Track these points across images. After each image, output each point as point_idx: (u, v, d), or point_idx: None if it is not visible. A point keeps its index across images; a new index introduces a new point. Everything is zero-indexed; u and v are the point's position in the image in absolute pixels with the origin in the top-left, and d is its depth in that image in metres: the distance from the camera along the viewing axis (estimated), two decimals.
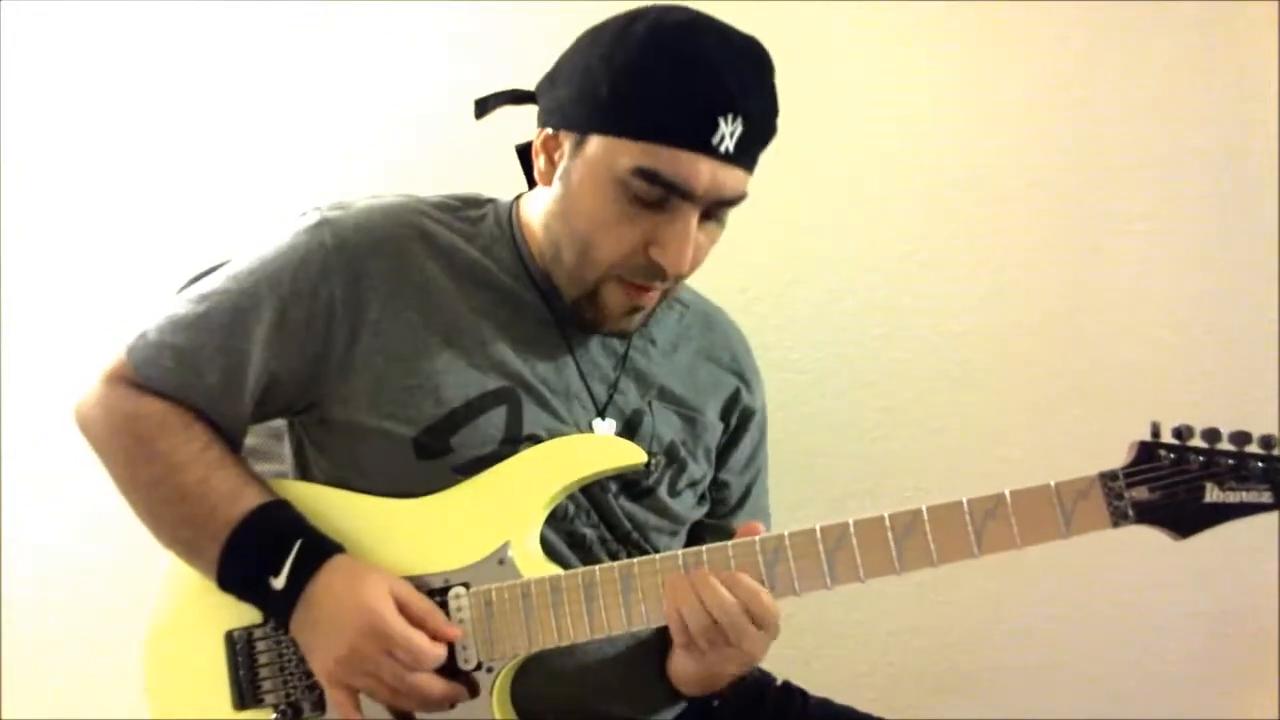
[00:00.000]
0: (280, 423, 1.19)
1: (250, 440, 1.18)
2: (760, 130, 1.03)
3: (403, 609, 1.01)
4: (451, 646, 1.03)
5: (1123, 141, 1.70)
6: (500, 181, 1.24)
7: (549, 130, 1.07)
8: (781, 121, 1.08)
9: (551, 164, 1.07)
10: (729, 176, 1.01)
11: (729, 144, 0.99)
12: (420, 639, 0.99)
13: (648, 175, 0.99)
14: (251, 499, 1.05)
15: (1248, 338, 1.70)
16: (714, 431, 1.22)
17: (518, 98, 1.13)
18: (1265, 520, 1.66)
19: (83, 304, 1.80)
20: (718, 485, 1.25)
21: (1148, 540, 1.71)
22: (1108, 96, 1.70)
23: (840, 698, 1.31)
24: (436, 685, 1.00)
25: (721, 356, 1.25)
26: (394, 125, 1.75)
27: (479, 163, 1.71)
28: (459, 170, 1.70)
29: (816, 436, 1.72)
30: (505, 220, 1.16)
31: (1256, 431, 0.99)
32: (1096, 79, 1.70)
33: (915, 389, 1.75)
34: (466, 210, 1.16)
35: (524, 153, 1.16)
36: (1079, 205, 1.72)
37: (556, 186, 1.07)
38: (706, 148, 0.99)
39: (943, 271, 1.73)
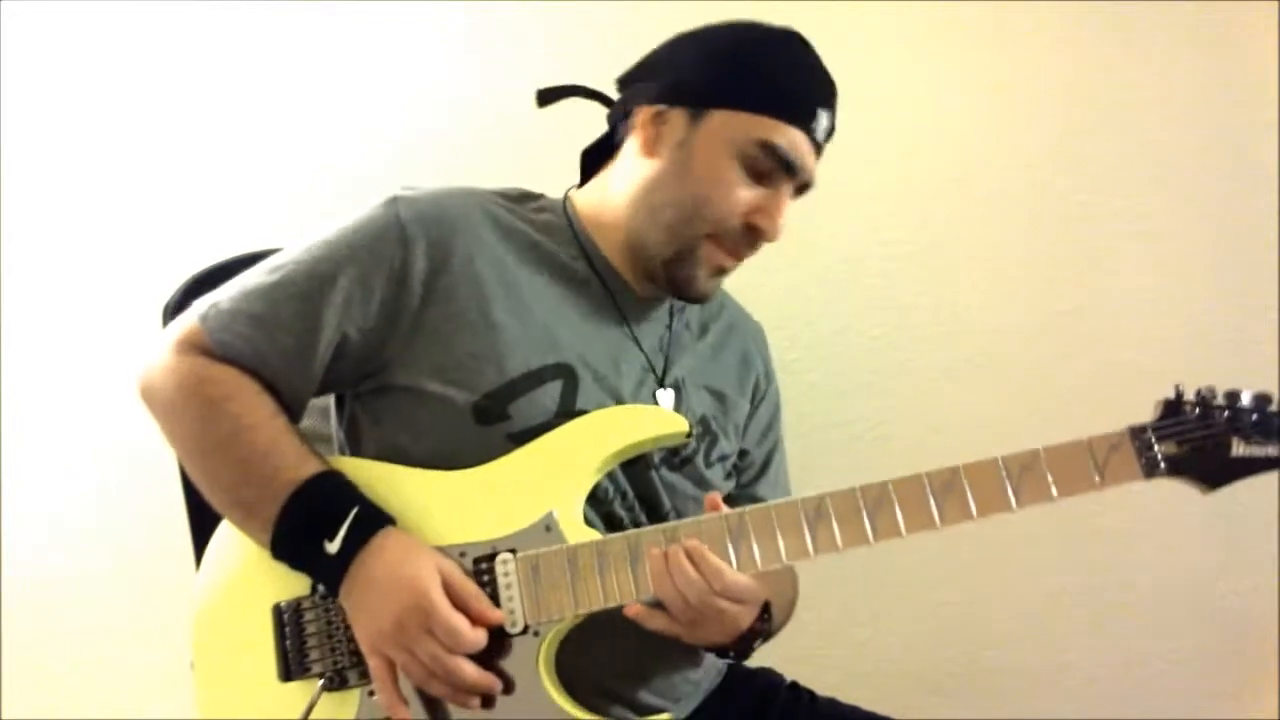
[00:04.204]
0: (329, 402, 1.23)
1: (304, 422, 1.21)
2: (831, 126, 1.18)
3: (449, 590, 1.03)
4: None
5: (1123, 141, 1.71)
6: (500, 178, 1.25)
7: (659, 107, 1.17)
8: None
9: (658, 138, 1.17)
10: (814, 162, 1.17)
11: (820, 134, 1.16)
12: (460, 621, 1.01)
13: (768, 148, 1.13)
14: (313, 466, 1.08)
15: (1248, 338, 1.70)
16: (741, 410, 1.30)
17: (588, 93, 1.25)
18: (1264, 520, 1.68)
19: (83, 304, 1.80)
20: (740, 455, 1.31)
21: (1147, 539, 1.73)
22: (1108, 96, 1.70)
23: (845, 697, 1.32)
24: (470, 671, 1.02)
25: (743, 338, 1.34)
26: (393, 127, 1.76)
27: (478, 163, 1.72)
28: (459, 171, 1.71)
29: (816, 436, 1.72)
30: (560, 210, 1.24)
31: None
32: (1097, 79, 1.70)
33: (915, 388, 1.75)
34: (525, 199, 1.25)
35: (586, 155, 1.27)
36: (1079, 205, 1.72)
37: (665, 157, 1.17)
38: (810, 131, 1.15)
39: (943, 271, 1.73)
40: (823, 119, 1.15)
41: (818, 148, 1.17)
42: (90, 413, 1.80)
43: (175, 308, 1.30)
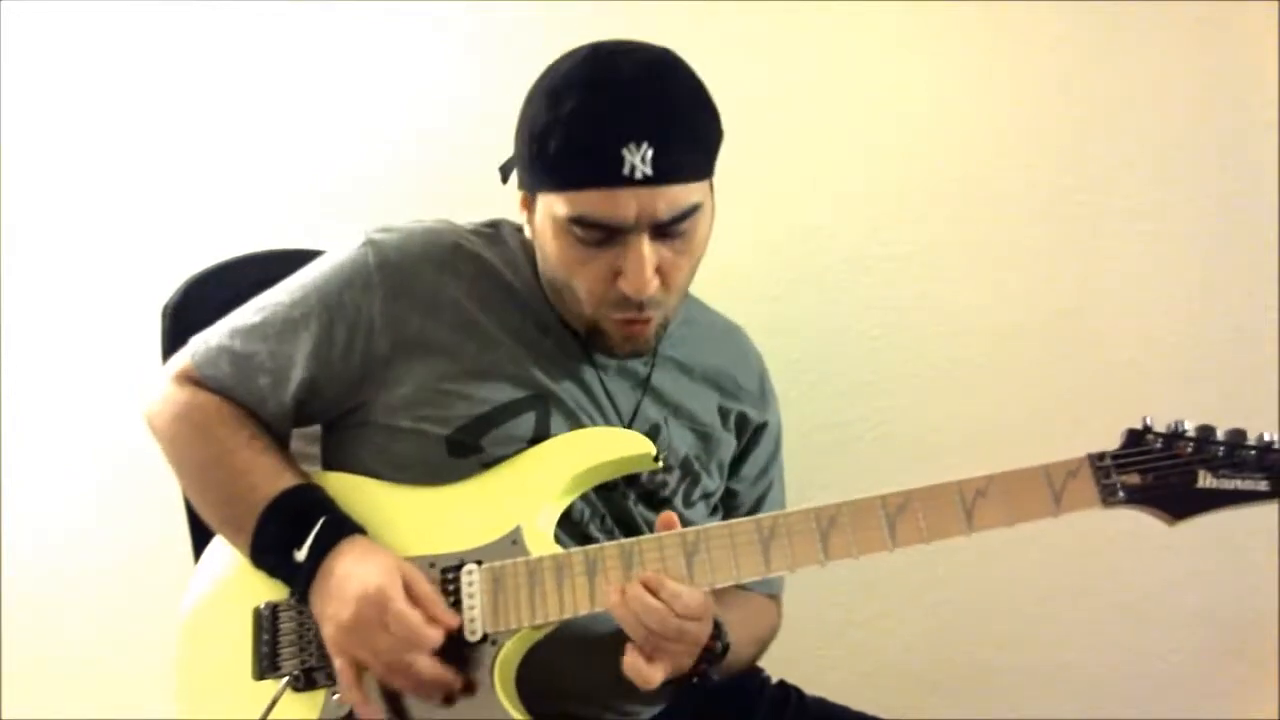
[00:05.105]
0: None
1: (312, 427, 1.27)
2: (676, 143, 1.06)
3: (408, 589, 1.05)
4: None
5: (1122, 141, 1.70)
6: (496, 188, 1.25)
7: (523, 192, 1.16)
8: (783, 121, 1.09)
9: (530, 220, 1.17)
10: (658, 197, 1.06)
11: (643, 169, 1.03)
12: (415, 616, 1.03)
13: (580, 221, 1.07)
14: (288, 481, 1.13)
15: (1248, 338, 1.70)
16: (727, 446, 1.28)
17: None
18: (1264, 520, 1.68)
19: (83, 304, 1.80)
20: (729, 494, 1.30)
21: (1147, 540, 1.73)
22: (1108, 96, 1.70)
23: (836, 697, 1.32)
24: (428, 666, 1.03)
25: (734, 374, 1.30)
26: (393, 127, 1.76)
27: (478, 163, 1.72)
28: (459, 171, 1.71)
29: (816, 436, 1.72)
30: (530, 248, 1.22)
31: (1258, 430, 0.99)
32: (1096, 78, 1.70)
33: (915, 389, 1.75)
34: (499, 234, 1.24)
35: None
36: (1079, 205, 1.72)
37: (535, 241, 1.17)
38: (619, 180, 1.04)
39: (942, 271, 1.73)
40: (632, 155, 1.03)
41: (654, 179, 1.04)
42: (90, 413, 1.81)
43: (175, 307, 1.33)
